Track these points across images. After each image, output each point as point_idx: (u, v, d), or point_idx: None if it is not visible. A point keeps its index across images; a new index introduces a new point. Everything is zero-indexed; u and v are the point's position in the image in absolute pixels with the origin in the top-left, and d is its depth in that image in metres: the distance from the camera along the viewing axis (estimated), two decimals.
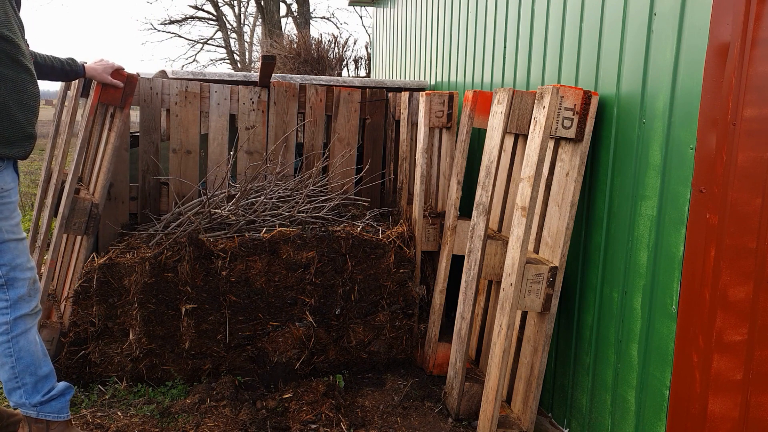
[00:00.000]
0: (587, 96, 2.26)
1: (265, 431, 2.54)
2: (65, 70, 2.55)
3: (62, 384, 2.23)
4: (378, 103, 3.70)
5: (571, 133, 2.28)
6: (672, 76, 1.92)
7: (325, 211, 3.24)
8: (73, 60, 2.58)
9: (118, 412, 2.61)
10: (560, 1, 2.57)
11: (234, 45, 22.02)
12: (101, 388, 2.77)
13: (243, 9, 21.94)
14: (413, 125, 3.43)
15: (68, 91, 3.48)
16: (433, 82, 4.34)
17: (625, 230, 2.15)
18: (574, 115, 2.27)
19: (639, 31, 2.08)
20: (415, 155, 3.33)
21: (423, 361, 3.15)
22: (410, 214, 3.29)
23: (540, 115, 2.27)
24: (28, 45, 2.21)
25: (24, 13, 2.23)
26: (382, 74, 6.36)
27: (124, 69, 2.84)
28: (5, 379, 2.14)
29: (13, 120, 2.07)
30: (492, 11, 3.28)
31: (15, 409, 2.39)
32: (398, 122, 3.69)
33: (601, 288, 2.30)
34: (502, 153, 2.82)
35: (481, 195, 2.65)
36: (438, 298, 3.08)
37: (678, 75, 1.90)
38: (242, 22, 22.02)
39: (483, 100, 2.91)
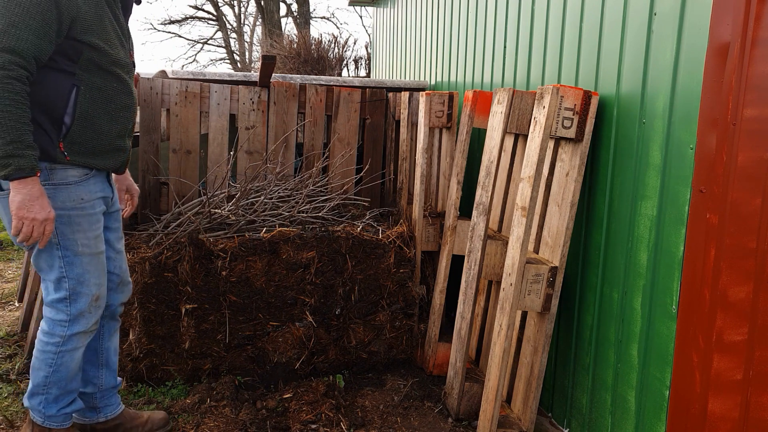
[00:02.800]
0: (587, 96, 2.26)
1: (265, 431, 2.54)
2: None
3: (79, 402, 2.19)
4: (378, 103, 3.70)
5: (571, 133, 2.28)
6: (672, 76, 1.92)
7: (325, 211, 3.24)
8: None
9: None
10: (560, 1, 2.57)
11: (234, 45, 22.01)
12: None
13: (243, 9, 21.94)
14: (413, 125, 3.43)
15: None
16: (433, 82, 4.34)
17: (625, 230, 2.15)
18: (574, 115, 2.27)
19: (639, 31, 2.08)
20: (415, 155, 3.33)
21: (423, 361, 3.15)
22: (410, 214, 3.29)
23: (540, 115, 2.27)
24: (129, 52, 2.11)
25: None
26: (382, 74, 6.36)
27: None
28: (33, 383, 2.10)
29: (99, 131, 2.00)
30: (492, 11, 3.28)
31: (139, 414, 2.44)
32: (398, 122, 3.69)
33: (601, 288, 2.30)
34: (502, 153, 2.82)
35: (481, 195, 2.65)
36: (438, 298, 3.08)
37: (678, 75, 1.90)
38: (242, 22, 22.02)
39: (483, 100, 2.91)
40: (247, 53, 21.97)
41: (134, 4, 2.20)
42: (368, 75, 9.36)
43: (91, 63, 1.95)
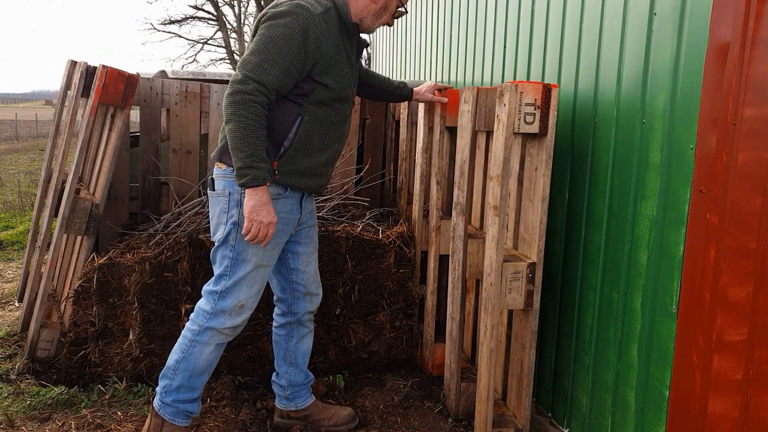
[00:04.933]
0: (547, 89, 2.25)
1: (265, 431, 2.54)
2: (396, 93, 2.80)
3: (197, 407, 2.29)
4: (378, 102, 3.69)
5: (534, 128, 2.28)
6: (672, 76, 1.92)
7: (325, 211, 3.24)
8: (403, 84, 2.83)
9: (118, 412, 2.61)
10: (560, 1, 2.57)
11: (234, 45, 22.01)
12: (101, 388, 2.77)
13: (243, 9, 21.94)
14: (413, 125, 3.43)
15: (68, 91, 3.48)
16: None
17: (625, 230, 2.15)
18: (535, 109, 2.26)
19: (639, 31, 2.08)
20: (415, 155, 3.32)
21: (422, 362, 3.15)
22: (410, 214, 3.29)
23: (502, 113, 2.27)
24: (353, 90, 2.32)
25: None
26: (382, 74, 6.35)
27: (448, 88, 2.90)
28: (167, 364, 2.24)
29: (310, 156, 2.21)
30: (492, 11, 3.28)
31: (327, 408, 2.62)
32: (398, 122, 3.69)
33: (601, 288, 2.30)
34: (477, 150, 2.81)
35: (457, 195, 2.64)
36: (430, 299, 3.07)
37: (678, 75, 1.90)
38: (242, 22, 22.02)
39: (453, 99, 2.87)
40: None
41: (365, 48, 2.47)
42: None
43: (319, 98, 2.17)
